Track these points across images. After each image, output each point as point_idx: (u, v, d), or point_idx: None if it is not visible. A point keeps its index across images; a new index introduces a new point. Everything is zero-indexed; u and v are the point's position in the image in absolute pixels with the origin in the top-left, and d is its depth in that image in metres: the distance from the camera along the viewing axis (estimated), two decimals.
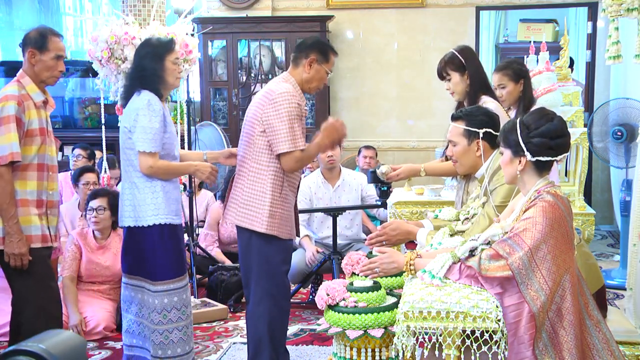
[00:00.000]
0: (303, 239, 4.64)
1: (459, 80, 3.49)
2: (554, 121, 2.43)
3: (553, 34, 7.73)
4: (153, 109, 3.23)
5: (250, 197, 3.25)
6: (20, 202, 3.21)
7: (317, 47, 3.33)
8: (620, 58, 3.19)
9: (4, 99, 3.17)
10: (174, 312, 3.35)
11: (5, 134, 3.13)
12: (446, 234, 2.88)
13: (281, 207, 3.25)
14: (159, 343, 3.34)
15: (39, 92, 3.28)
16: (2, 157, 3.13)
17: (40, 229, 3.26)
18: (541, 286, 2.26)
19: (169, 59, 3.32)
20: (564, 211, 2.37)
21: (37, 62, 3.25)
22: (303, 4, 7.39)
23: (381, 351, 2.72)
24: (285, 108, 3.18)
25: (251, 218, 3.24)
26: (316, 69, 3.30)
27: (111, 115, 5.01)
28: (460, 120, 2.96)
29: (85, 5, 8.92)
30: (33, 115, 3.22)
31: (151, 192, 3.29)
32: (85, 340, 1.68)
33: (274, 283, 3.29)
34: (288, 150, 3.19)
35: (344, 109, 7.44)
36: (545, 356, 2.23)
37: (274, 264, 3.28)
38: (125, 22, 4.29)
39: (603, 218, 7.02)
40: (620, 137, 5.16)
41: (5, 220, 3.17)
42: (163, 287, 3.34)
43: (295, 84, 3.30)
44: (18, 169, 3.20)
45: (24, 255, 3.18)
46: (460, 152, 2.96)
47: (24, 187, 3.23)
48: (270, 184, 3.23)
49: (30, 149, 3.22)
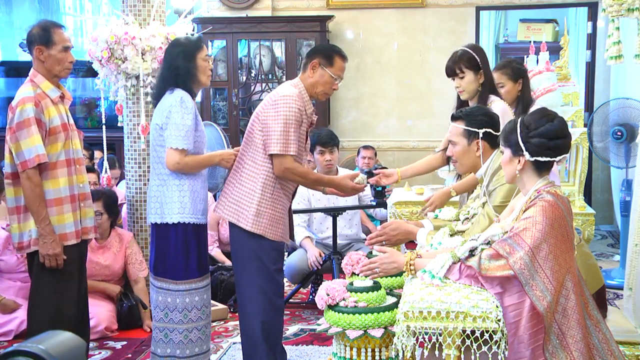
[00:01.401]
0: (304, 240, 4.64)
1: (472, 79, 3.45)
2: (554, 122, 2.43)
3: (553, 34, 7.73)
4: (186, 106, 3.24)
5: (240, 194, 3.26)
6: (54, 201, 3.23)
7: (321, 50, 3.35)
8: (621, 58, 3.19)
9: (20, 102, 3.16)
10: (195, 312, 3.37)
11: (28, 137, 3.13)
12: (446, 234, 2.88)
13: (270, 207, 3.24)
14: (179, 342, 3.37)
15: (54, 87, 3.28)
16: (29, 160, 3.13)
17: (73, 225, 3.29)
18: (546, 286, 2.26)
19: (199, 56, 3.32)
20: (564, 211, 2.37)
21: (46, 57, 3.24)
22: (303, 4, 7.39)
23: (381, 351, 2.72)
24: (284, 111, 3.18)
25: (238, 214, 3.25)
26: (320, 73, 3.27)
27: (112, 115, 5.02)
28: (460, 120, 2.95)
29: (85, 5, 8.93)
30: (53, 113, 3.23)
31: (178, 190, 3.29)
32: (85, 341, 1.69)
33: (265, 280, 3.28)
34: (278, 153, 3.18)
35: (344, 109, 7.45)
36: (555, 358, 2.23)
37: (265, 262, 3.27)
38: (125, 22, 4.29)
39: (603, 218, 7.02)
40: (620, 137, 5.16)
41: (38, 222, 3.20)
42: (185, 286, 3.35)
43: (304, 89, 3.28)
44: (47, 168, 3.21)
45: (58, 256, 3.22)
46: (460, 152, 2.96)
47: (56, 185, 3.24)
48: (262, 183, 3.23)
49: (56, 146, 3.23)
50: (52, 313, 3.27)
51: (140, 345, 4.11)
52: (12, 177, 3.24)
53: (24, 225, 3.25)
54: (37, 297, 3.31)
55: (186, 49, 3.32)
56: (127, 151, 4.52)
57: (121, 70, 4.23)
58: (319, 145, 4.73)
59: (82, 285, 3.45)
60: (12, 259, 4.30)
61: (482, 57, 3.49)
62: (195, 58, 3.31)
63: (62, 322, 3.21)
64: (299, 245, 4.69)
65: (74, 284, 3.37)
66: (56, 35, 3.26)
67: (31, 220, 3.23)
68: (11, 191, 3.26)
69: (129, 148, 4.51)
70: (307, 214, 4.79)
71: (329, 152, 4.75)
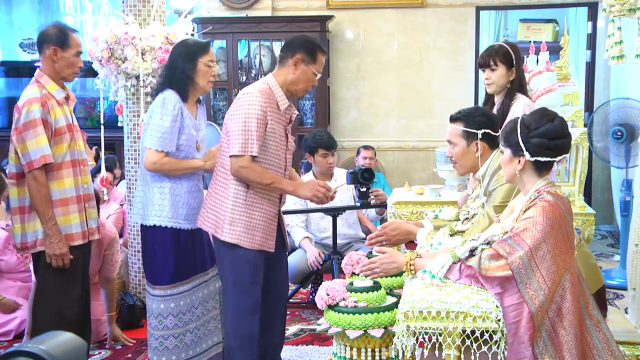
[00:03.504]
0: (303, 240, 4.64)
1: (504, 74, 3.50)
2: (555, 122, 2.43)
3: (553, 34, 7.72)
4: (166, 108, 3.16)
5: (215, 202, 3.10)
6: (60, 202, 3.24)
7: (303, 46, 3.09)
8: (623, 58, 3.19)
9: (27, 102, 3.17)
10: (170, 319, 3.29)
11: (34, 137, 3.14)
12: (446, 234, 2.89)
13: (245, 214, 3.05)
14: (154, 348, 3.31)
15: (59, 88, 3.30)
16: (35, 160, 3.14)
17: (80, 226, 3.30)
18: (540, 286, 2.26)
19: (202, 60, 3.24)
20: (564, 211, 2.37)
21: (59, 59, 3.26)
22: (303, 4, 7.39)
23: (381, 351, 2.72)
24: (244, 108, 2.98)
25: (215, 224, 3.09)
26: (302, 70, 3.08)
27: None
28: (459, 121, 2.96)
29: (85, 5, 8.92)
30: (58, 114, 3.24)
31: (159, 192, 3.24)
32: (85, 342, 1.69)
33: (239, 295, 3.09)
34: (236, 154, 2.97)
35: (344, 109, 7.44)
36: (545, 356, 2.23)
37: (241, 275, 3.08)
38: (125, 22, 4.29)
39: (603, 218, 7.02)
40: (620, 137, 5.16)
41: (44, 223, 3.21)
42: (159, 291, 3.29)
43: (276, 85, 3.08)
44: (52, 169, 3.22)
45: (64, 255, 3.23)
46: (460, 153, 2.96)
47: (62, 186, 3.25)
48: (233, 189, 3.06)
49: (62, 147, 3.24)
50: (56, 312, 3.27)
51: (140, 345, 4.11)
52: (17, 177, 3.25)
53: (28, 226, 3.25)
54: (41, 296, 3.32)
55: (189, 50, 3.25)
56: (127, 151, 4.52)
57: (121, 70, 4.23)
58: (322, 148, 4.73)
59: (85, 286, 3.46)
60: (12, 259, 4.30)
61: (517, 55, 3.55)
62: (196, 61, 3.23)
63: (65, 322, 3.22)
64: (298, 246, 4.69)
65: (78, 284, 3.37)
66: (72, 39, 3.29)
67: (36, 221, 3.24)
68: (14, 191, 3.27)
69: (129, 148, 4.51)
70: (305, 214, 4.79)
71: (332, 154, 4.76)
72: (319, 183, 3.12)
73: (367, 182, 4.08)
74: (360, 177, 4.06)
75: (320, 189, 3.09)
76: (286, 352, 3.85)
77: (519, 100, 3.45)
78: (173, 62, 3.28)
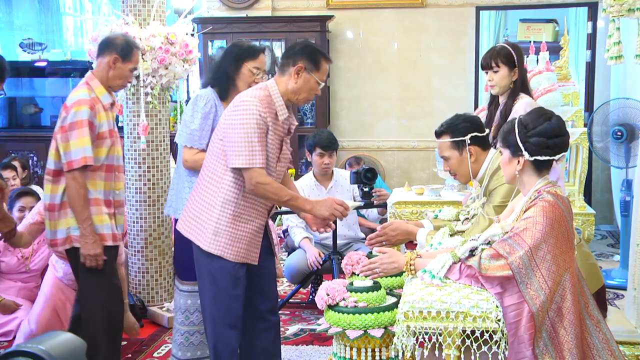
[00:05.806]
0: (303, 240, 4.64)
1: (506, 74, 3.52)
2: (552, 120, 2.44)
3: (553, 34, 7.72)
4: (198, 105, 3.21)
5: (199, 209, 2.91)
6: (94, 201, 3.25)
7: (306, 53, 2.88)
8: (622, 58, 3.19)
9: (76, 103, 3.18)
10: (197, 315, 3.31)
11: (79, 138, 3.15)
12: (446, 234, 2.89)
13: (231, 226, 2.86)
14: (179, 344, 3.34)
15: (107, 94, 3.31)
16: (75, 160, 3.15)
17: (110, 227, 3.30)
18: (540, 285, 2.26)
19: (247, 64, 3.25)
20: (564, 211, 2.37)
21: (116, 68, 3.27)
22: (303, 4, 7.39)
23: (381, 351, 2.72)
24: (243, 117, 2.78)
25: (197, 232, 2.90)
26: (305, 79, 2.86)
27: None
28: (444, 134, 2.98)
29: (85, 5, 8.93)
30: (103, 118, 3.26)
31: (189, 187, 3.27)
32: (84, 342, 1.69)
33: (217, 306, 2.92)
34: (243, 166, 2.79)
35: (344, 109, 7.45)
36: (545, 356, 2.23)
37: (221, 286, 2.91)
38: (125, 22, 4.29)
39: (603, 218, 7.02)
40: (620, 137, 5.16)
41: (80, 222, 3.20)
42: (187, 287, 3.32)
43: (276, 92, 2.89)
44: (88, 170, 3.23)
45: (99, 256, 3.22)
46: (455, 164, 2.98)
47: (94, 187, 3.26)
48: (222, 198, 2.85)
49: (102, 151, 3.25)
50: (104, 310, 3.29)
51: (140, 345, 4.11)
52: (54, 174, 3.26)
53: (58, 223, 3.26)
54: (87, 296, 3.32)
55: (238, 52, 3.27)
56: (127, 151, 4.52)
57: None
58: (318, 147, 4.72)
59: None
60: (12, 260, 4.29)
61: (518, 56, 3.56)
62: (241, 64, 3.25)
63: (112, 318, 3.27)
64: (298, 246, 4.69)
65: (116, 280, 3.39)
66: (135, 55, 3.32)
67: (66, 219, 3.24)
68: (49, 188, 3.28)
69: (129, 148, 4.51)
70: None
71: (328, 155, 4.74)
72: (336, 201, 2.94)
73: (370, 182, 4.09)
74: (364, 177, 4.08)
75: (338, 208, 2.92)
76: (286, 352, 3.85)
77: (520, 100, 3.45)
78: (221, 61, 3.31)
